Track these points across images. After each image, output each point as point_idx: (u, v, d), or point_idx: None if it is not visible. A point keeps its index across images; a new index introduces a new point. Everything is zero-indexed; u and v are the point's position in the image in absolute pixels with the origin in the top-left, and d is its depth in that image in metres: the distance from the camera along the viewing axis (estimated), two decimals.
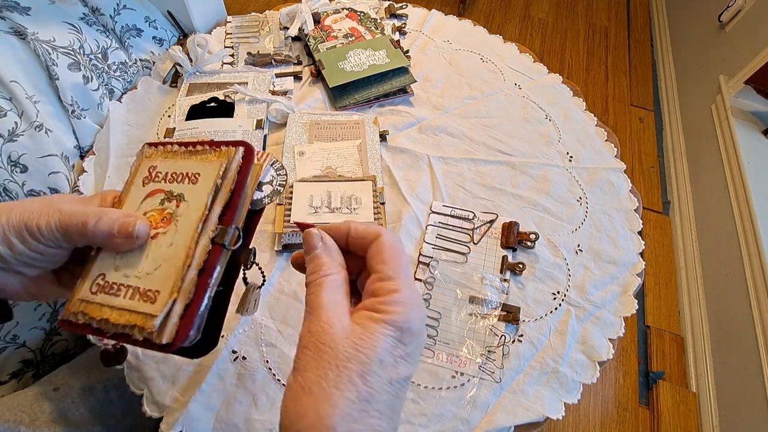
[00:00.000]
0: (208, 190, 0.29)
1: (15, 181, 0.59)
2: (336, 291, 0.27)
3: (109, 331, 0.28)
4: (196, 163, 0.31)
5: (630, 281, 0.63)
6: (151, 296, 0.27)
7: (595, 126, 0.80)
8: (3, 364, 0.63)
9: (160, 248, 0.29)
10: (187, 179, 0.31)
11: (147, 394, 0.50)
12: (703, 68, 1.61)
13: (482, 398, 0.52)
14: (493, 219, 0.66)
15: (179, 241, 0.28)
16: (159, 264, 0.28)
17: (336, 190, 0.63)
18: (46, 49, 0.63)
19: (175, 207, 0.30)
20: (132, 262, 0.29)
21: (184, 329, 0.27)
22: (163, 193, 0.31)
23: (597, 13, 2.14)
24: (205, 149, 0.31)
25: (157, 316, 0.26)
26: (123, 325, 0.27)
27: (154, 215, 0.30)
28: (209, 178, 0.30)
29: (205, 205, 0.29)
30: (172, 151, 0.33)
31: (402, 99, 0.79)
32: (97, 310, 0.28)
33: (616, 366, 1.19)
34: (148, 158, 0.33)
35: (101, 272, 0.30)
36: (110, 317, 0.28)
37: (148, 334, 0.26)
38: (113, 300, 0.28)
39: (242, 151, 0.31)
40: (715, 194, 1.32)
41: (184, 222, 0.29)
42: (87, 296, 0.29)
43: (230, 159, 0.30)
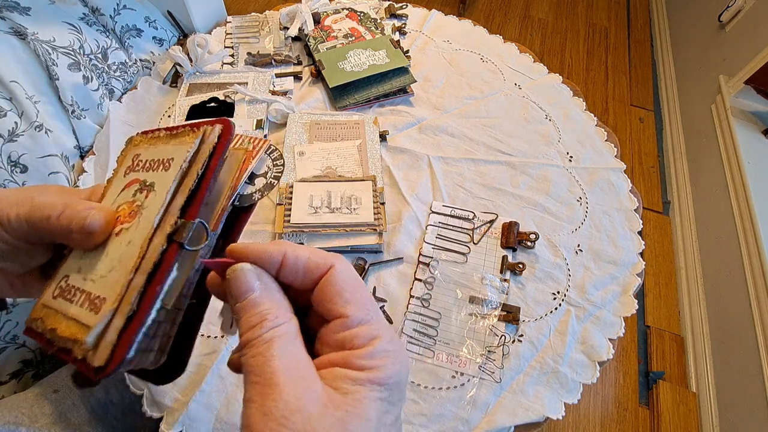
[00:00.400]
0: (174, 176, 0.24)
1: (15, 181, 0.59)
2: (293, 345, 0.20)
3: (56, 344, 0.23)
4: (173, 146, 0.26)
5: (630, 281, 0.63)
6: (98, 305, 0.22)
7: (595, 126, 0.80)
8: (3, 364, 0.63)
9: (119, 247, 0.24)
10: (161, 166, 0.26)
11: (147, 395, 0.50)
12: (703, 68, 1.61)
13: (482, 398, 0.52)
14: (493, 219, 0.66)
15: (136, 239, 0.23)
16: (114, 265, 0.24)
17: (336, 190, 0.63)
18: (46, 49, 0.63)
19: (144, 198, 0.25)
20: (93, 262, 0.25)
21: (121, 348, 0.21)
22: (138, 183, 0.27)
23: (597, 13, 2.14)
24: (186, 131, 0.26)
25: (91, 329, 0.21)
26: (65, 337, 0.22)
27: (124, 208, 0.26)
28: (179, 162, 0.25)
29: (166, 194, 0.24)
30: (157, 137, 0.28)
31: (402, 99, 0.79)
32: (51, 318, 0.24)
33: (616, 366, 1.19)
34: (136, 146, 0.29)
35: (66, 274, 0.26)
36: (58, 328, 0.23)
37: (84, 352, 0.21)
38: (67, 307, 0.24)
39: (219, 129, 0.25)
40: (715, 194, 1.32)
41: (146, 215, 0.24)
42: (48, 300, 0.25)
43: (204, 138, 0.25)
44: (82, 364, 0.21)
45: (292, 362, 0.20)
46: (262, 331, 0.20)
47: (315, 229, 0.59)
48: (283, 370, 0.19)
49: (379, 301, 0.58)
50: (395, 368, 0.21)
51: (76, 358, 0.22)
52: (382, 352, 0.21)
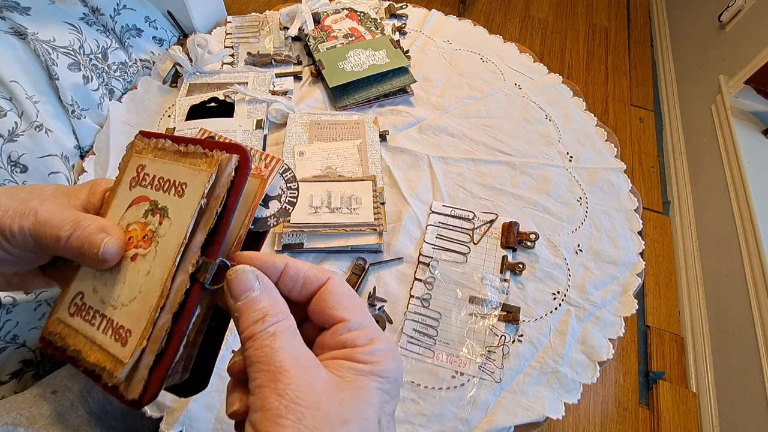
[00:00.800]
0: (191, 210, 0.24)
1: (15, 181, 0.59)
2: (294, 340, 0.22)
3: (81, 365, 0.24)
4: (185, 168, 0.25)
5: (630, 281, 0.63)
6: (123, 336, 0.23)
7: (595, 126, 0.80)
8: (3, 364, 0.63)
9: (137, 275, 0.24)
10: (173, 189, 0.25)
11: None
12: (703, 68, 1.61)
13: (482, 398, 0.52)
14: (493, 219, 0.66)
15: (156, 272, 0.24)
16: (135, 295, 0.24)
17: (336, 190, 0.63)
18: (46, 49, 0.63)
19: (158, 224, 0.25)
20: (109, 285, 0.25)
21: (153, 385, 0.22)
22: (148, 203, 0.26)
23: (597, 13, 2.14)
24: (196, 151, 0.25)
25: (124, 365, 0.22)
26: (93, 363, 0.24)
27: (136, 230, 0.26)
28: (195, 193, 0.24)
29: (186, 230, 0.24)
30: (163, 149, 0.27)
31: (402, 99, 0.79)
32: (72, 337, 0.25)
33: (616, 366, 1.19)
34: (139, 153, 0.28)
35: (79, 290, 0.26)
36: (83, 350, 0.24)
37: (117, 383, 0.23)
38: (88, 329, 0.25)
39: (236, 160, 0.24)
40: (715, 194, 1.32)
41: (164, 247, 0.24)
42: (65, 317, 0.26)
43: (220, 171, 0.24)
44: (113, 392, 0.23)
45: (296, 352, 0.21)
46: (265, 325, 0.21)
47: (315, 229, 0.59)
48: (291, 359, 0.20)
49: (379, 301, 0.58)
50: (393, 365, 0.23)
51: (106, 385, 0.23)
52: (381, 351, 0.23)
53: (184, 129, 0.69)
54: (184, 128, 0.69)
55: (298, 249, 0.59)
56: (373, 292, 0.58)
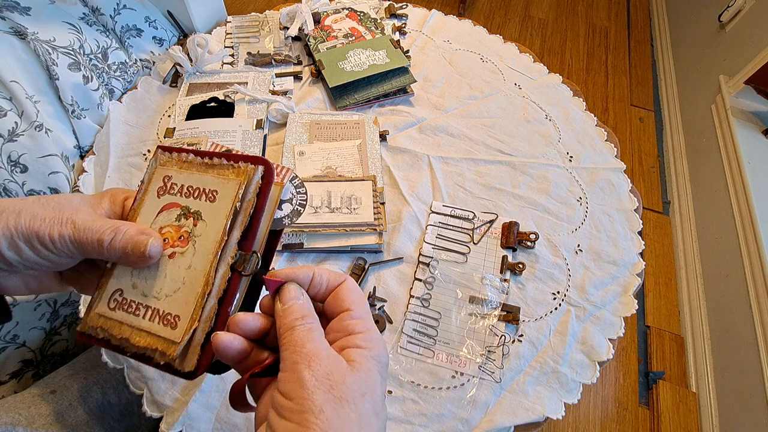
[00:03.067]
0: (226, 212, 0.29)
1: (15, 181, 0.59)
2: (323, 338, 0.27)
3: (129, 351, 0.28)
4: (214, 178, 0.30)
5: (630, 281, 0.63)
6: (172, 321, 0.28)
7: (595, 126, 0.80)
8: (3, 364, 0.63)
9: (178, 269, 0.29)
10: (204, 196, 0.30)
11: (147, 394, 0.50)
12: (703, 68, 1.61)
13: (482, 398, 0.52)
14: (493, 219, 0.66)
15: (198, 265, 0.28)
16: (178, 287, 0.28)
17: (336, 190, 0.63)
18: (46, 49, 0.63)
19: (193, 226, 0.29)
20: (149, 280, 0.29)
21: (206, 357, 0.27)
22: (179, 208, 0.30)
23: (597, 13, 2.14)
24: (222, 163, 0.30)
25: (178, 344, 0.27)
26: (144, 347, 0.27)
27: (170, 232, 0.30)
28: (227, 198, 0.29)
29: (224, 229, 0.28)
30: (188, 161, 0.31)
31: (402, 99, 0.79)
32: (117, 328, 0.29)
33: (616, 366, 1.19)
34: (163, 166, 0.32)
35: (118, 288, 0.30)
36: (130, 337, 0.28)
37: (171, 360, 0.27)
38: (133, 319, 0.28)
39: (261, 170, 0.29)
40: (715, 194, 1.32)
41: (203, 244, 0.29)
42: (105, 311, 0.29)
43: (249, 180, 0.29)
44: (166, 368, 0.27)
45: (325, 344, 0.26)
46: (304, 322, 0.27)
47: (315, 229, 0.59)
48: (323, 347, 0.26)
49: (379, 301, 0.58)
50: (384, 351, 0.28)
51: (159, 363, 0.27)
52: (374, 338, 0.28)
53: (184, 129, 0.69)
54: (184, 128, 0.69)
55: (298, 249, 0.59)
56: (373, 292, 0.58)
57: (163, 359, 0.27)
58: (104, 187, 0.64)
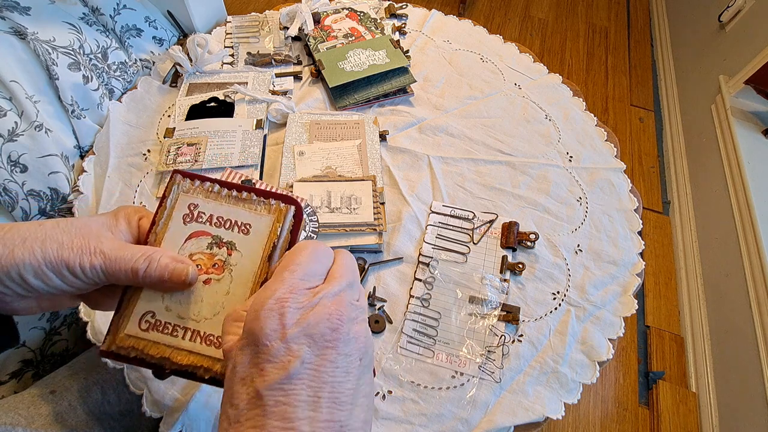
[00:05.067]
0: (263, 245, 0.32)
1: (15, 181, 0.59)
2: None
3: (168, 368, 0.30)
4: (245, 212, 0.33)
5: (630, 281, 0.63)
6: (215, 342, 0.30)
7: (595, 126, 0.80)
8: (3, 364, 0.63)
9: (216, 295, 0.31)
10: (236, 228, 0.32)
11: (147, 394, 0.50)
12: (703, 68, 1.61)
13: (482, 398, 0.52)
14: (493, 219, 0.66)
15: (238, 292, 0.31)
16: (218, 311, 0.31)
17: (336, 190, 0.63)
18: (46, 48, 0.63)
19: (227, 255, 0.32)
20: (184, 304, 0.31)
21: None
22: (210, 237, 0.32)
23: (597, 13, 2.14)
24: (252, 198, 0.33)
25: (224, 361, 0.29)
26: (187, 365, 0.30)
27: (202, 259, 0.32)
28: (262, 233, 0.32)
29: (262, 260, 0.31)
30: (215, 192, 0.33)
31: (402, 99, 0.79)
32: (153, 347, 0.31)
33: (616, 366, 1.19)
34: (186, 193, 0.33)
35: (149, 310, 0.31)
36: (171, 356, 0.30)
37: (217, 375, 0.30)
38: (171, 340, 0.31)
39: (293, 210, 0.33)
40: (715, 194, 1.32)
41: (240, 273, 0.31)
42: (137, 332, 0.31)
43: (284, 219, 0.32)
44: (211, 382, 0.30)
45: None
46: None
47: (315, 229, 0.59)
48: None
49: (379, 301, 0.58)
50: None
51: (204, 378, 0.30)
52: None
53: (184, 129, 0.69)
54: (184, 128, 0.69)
55: None
56: (373, 292, 0.58)
57: (209, 374, 0.30)
58: (104, 187, 0.64)
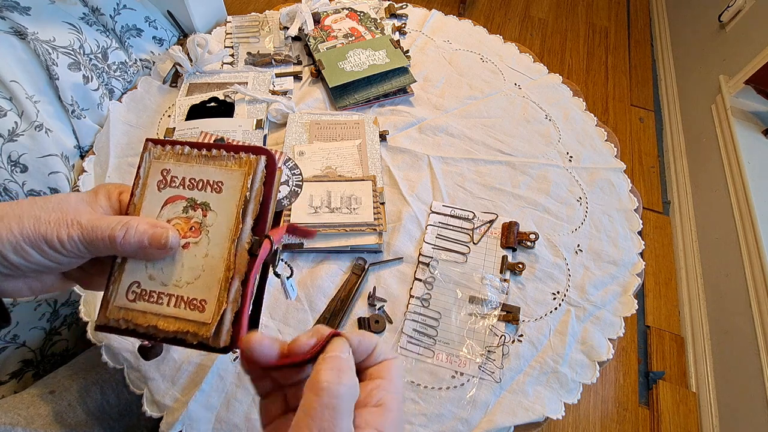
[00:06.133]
0: (236, 201, 0.30)
1: (15, 181, 0.59)
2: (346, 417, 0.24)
3: (158, 336, 0.30)
4: (216, 169, 0.31)
5: (630, 281, 0.63)
6: (199, 305, 0.29)
7: (595, 126, 0.80)
8: (3, 364, 0.63)
9: (195, 258, 0.30)
10: (209, 187, 0.31)
11: (147, 394, 0.50)
12: (703, 68, 1.61)
13: (482, 398, 0.52)
14: (493, 219, 0.66)
15: (216, 253, 0.30)
16: (198, 274, 0.30)
17: (336, 190, 0.63)
18: (46, 48, 0.63)
19: (202, 216, 0.31)
20: (166, 271, 0.30)
21: (237, 334, 0.29)
22: (184, 201, 0.31)
23: (597, 13, 2.14)
24: (222, 155, 0.31)
25: (209, 325, 0.28)
26: (174, 331, 0.29)
27: (179, 223, 0.31)
28: (235, 188, 0.30)
29: (236, 217, 0.30)
30: (185, 154, 0.32)
31: (402, 99, 0.79)
32: (141, 317, 0.30)
33: (616, 366, 1.19)
34: (158, 159, 0.32)
35: (135, 280, 0.30)
36: (159, 324, 0.29)
37: (204, 339, 0.28)
38: (157, 308, 0.30)
39: (264, 160, 0.31)
40: (715, 194, 1.32)
41: (216, 233, 0.30)
42: (125, 303, 0.30)
43: (254, 170, 0.30)
44: (200, 347, 0.29)
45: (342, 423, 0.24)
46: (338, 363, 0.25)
47: (315, 229, 0.59)
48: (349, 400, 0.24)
49: (379, 301, 0.58)
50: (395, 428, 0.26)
51: (192, 343, 0.29)
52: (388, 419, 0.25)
53: (184, 129, 0.69)
54: (184, 128, 0.69)
55: (298, 249, 0.59)
56: (373, 292, 0.58)
57: (196, 339, 0.29)
58: None
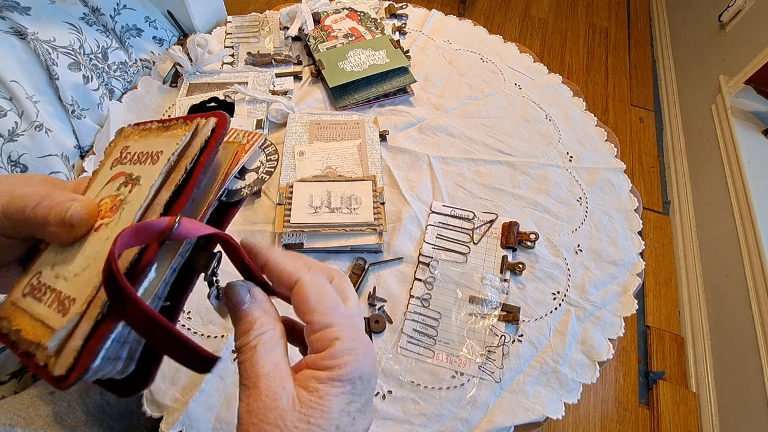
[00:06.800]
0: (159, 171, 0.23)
1: None
2: (274, 351, 0.23)
3: (19, 348, 0.21)
4: (164, 139, 0.25)
5: (630, 281, 0.63)
6: (66, 306, 0.20)
7: (595, 126, 0.80)
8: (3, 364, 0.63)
9: (96, 243, 0.22)
10: (149, 159, 0.24)
11: (147, 394, 0.50)
12: (703, 68, 1.61)
13: (482, 398, 0.52)
14: (493, 219, 0.66)
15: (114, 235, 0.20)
16: (88, 263, 0.22)
17: (336, 190, 0.63)
18: (46, 48, 0.63)
19: (128, 192, 0.23)
20: (69, 260, 0.23)
21: (86, 356, 0.19)
22: (124, 176, 0.25)
23: (597, 13, 2.14)
24: (178, 123, 0.25)
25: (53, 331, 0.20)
26: (29, 341, 0.20)
27: (107, 203, 0.24)
28: (165, 156, 0.23)
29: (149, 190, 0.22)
30: (147, 129, 0.27)
31: (402, 99, 0.79)
32: (18, 318, 0.22)
33: (616, 366, 1.19)
34: (126, 138, 0.27)
35: (39, 270, 0.24)
36: (23, 329, 0.21)
37: (47, 358, 0.19)
38: (35, 306, 0.22)
39: (213, 122, 0.24)
40: (715, 194, 1.32)
41: (128, 210, 0.22)
42: (17, 299, 0.23)
43: (197, 131, 0.24)
44: (43, 371, 0.19)
45: (271, 367, 0.23)
46: (249, 339, 0.23)
47: (315, 229, 0.59)
48: (263, 374, 0.22)
49: (379, 301, 0.58)
50: (356, 364, 0.24)
51: (38, 365, 0.20)
52: (342, 352, 0.24)
53: None
54: None
55: (298, 249, 0.59)
56: (373, 292, 0.58)
57: (43, 358, 0.20)
58: None
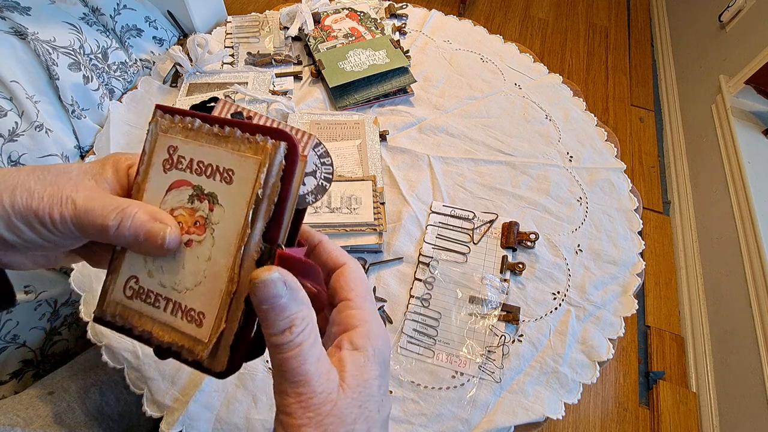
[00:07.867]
0: (246, 198, 0.25)
1: None
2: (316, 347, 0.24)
3: (152, 344, 0.26)
4: (227, 153, 0.25)
5: (630, 281, 0.63)
6: (196, 318, 0.25)
7: (595, 126, 0.80)
8: (3, 364, 0.63)
9: (197, 261, 0.26)
10: (218, 175, 0.26)
11: (147, 394, 0.50)
12: (703, 68, 1.61)
13: (482, 398, 0.52)
14: (493, 219, 0.66)
15: (219, 259, 0.25)
16: (199, 281, 0.25)
17: (336, 190, 0.63)
18: (47, 49, 0.63)
19: (208, 210, 0.26)
20: (166, 270, 0.26)
21: (237, 359, 0.25)
22: (191, 188, 0.26)
23: (597, 13, 2.14)
24: (235, 135, 0.25)
25: (205, 344, 0.25)
26: (169, 342, 0.26)
27: (183, 215, 0.26)
28: (246, 181, 0.25)
29: (245, 220, 0.25)
30: (194, 130, 0.27)
31: (402, 99, 0.79)
32: (136, 318, 0.27)
33: (616, 366, 1.19)
34: (165, 133, 0.28)
35: (133, 274, 0.27)
36: (153, 330, 0.26)
37: (200, 359, 0.25)
38: (153, 311, 0.26)
39: (284, 148, 0.25)
40: (715, 194, 1.32)
41: (222, 234, 0.25)
42: (122, 299, 0.27)
43: (270, 161, 0.24)
44: (195, 366, 0.25)
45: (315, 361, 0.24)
46: (292, 336, 0.23)
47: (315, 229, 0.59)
48: (314, 373, 0.23)
49: (379, 301, 0.58)
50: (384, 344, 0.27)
51: (187, 360, 0.25)
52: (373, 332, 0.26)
53: None
54: None
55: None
56: (373, 292, 0.58)
57: (191, 357, 0.25)
58: None
